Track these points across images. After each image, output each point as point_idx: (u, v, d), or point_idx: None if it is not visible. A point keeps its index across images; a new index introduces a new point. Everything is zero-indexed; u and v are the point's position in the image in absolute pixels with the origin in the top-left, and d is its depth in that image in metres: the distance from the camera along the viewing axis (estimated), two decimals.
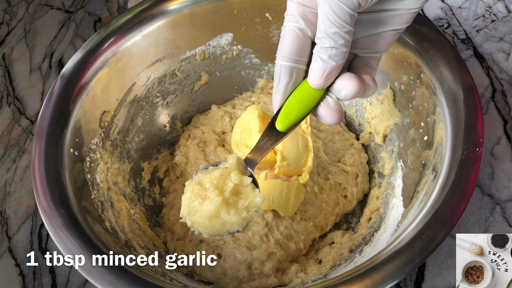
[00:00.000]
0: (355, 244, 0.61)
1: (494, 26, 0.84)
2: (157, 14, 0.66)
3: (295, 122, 0.43)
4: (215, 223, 0.45)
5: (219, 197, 0.45)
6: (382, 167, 0.68)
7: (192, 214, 0.46)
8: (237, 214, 0.45)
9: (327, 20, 0.37)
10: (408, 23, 0.41)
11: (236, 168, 0.47)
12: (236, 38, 0.73)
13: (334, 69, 0.39)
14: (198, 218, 0.46)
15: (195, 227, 0.46)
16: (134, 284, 0.45)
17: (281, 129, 0.44)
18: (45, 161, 0.53)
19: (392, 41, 0.42)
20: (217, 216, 0.45)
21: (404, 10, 0.39)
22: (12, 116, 0.83)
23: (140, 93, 0.70)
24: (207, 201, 0.45)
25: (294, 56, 0.41)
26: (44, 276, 0.63)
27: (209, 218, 0.45)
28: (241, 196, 0.47)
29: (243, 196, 0.47)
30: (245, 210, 0.46)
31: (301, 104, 0.42)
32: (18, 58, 0.93)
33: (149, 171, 0.72)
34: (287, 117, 0.42)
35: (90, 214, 0.53)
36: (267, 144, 0.46)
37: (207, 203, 0.45)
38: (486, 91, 0.76)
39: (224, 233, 0.46)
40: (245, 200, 0.46)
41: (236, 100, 0.80)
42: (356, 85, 0.39)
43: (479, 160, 0.48)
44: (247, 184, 0.47)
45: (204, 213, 0.45)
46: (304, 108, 0.42)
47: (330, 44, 0.38)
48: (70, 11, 1.01)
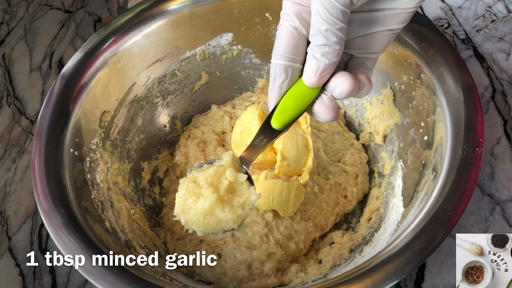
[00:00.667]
0: (355, 244, 0.61)
1: (494, 26, 0.84)
2: (157, 14, 0.66)
3: (291, 120, 0.43)
4: (209, 221, 0.45)
5: (213, 195, 0.44)
6: (382, 167, 0.68)
7: (186, 212, 0.45)
8: (232, 211, 0.45)
9: (319, 17, 0.37)
10: (404, 23, 0.40)
11: (231, 165, 0.47)
12: (236, 38, 0.73)
13: (328, 67, 0.39)
14: (192, 216, 0.45)
15: (189, 225, 0.45)
16: (134, 284, 0.45)
17: (276, 127, 0.43)
18: (45, 161, 0.53)
19: (388, 42, 0.42)
20: (212, 214, 0.45)
21: (400, 9, 0.39)
22: (12, 116, 0.83)
23: (140, 93, 0.70)
24: (202, 199, 0.45)
25: (289, 54, 0.41)
26: (44, 276, 0.63)
27: (204, 215, 0.45)
28: (236, 194, 0.46)
29: (238, 194, 0.46)
30: (240, 208, 0.45)
31: (296, 102, 0.42)
32: (18, 58, 0.93)
33: (149, 171, 0.72)
34: (282, 115, 0.42)
35: (90, 214, 0.53)
36: (262, 142, 0.46)
37: (201, 200, 0.45)
38: (486, 91, 0.76)
39: (219, 231, 0.46)
40: (240, 197, 0.46)
41: (236, 100, 0.80)
42: (350, 83, 0.39)
43: (479, 160, 0.48)
44: (242, 182, 0.46)
45: (198, 210, 0.45)
46: (300, 106, 0.42)
47: (323, 41, 0.38)
48: (70, 11, 1.01)
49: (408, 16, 0.40)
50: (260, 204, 0.60)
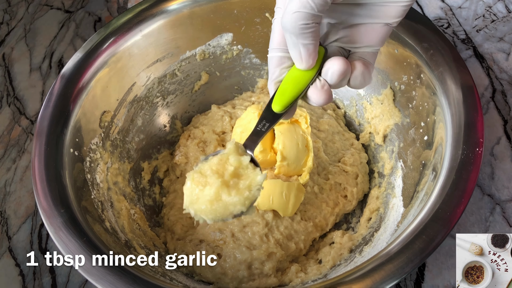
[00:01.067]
0: (355, 244, 0.61)
1: (494, 26, 0.84)
2: (157, 14, 0.67)
3: (290, 102, 0.44)
4: (217, 207, 0.45)
5: (218, 180, 0.45)
6: (382, 167, 0.68)
7: (195, 203, 0.45)
8: (238, 194, 0.45)
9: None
10: (398, 18, 0.41)
11: (234, 152, 0.47)
12: (236, 38, 0.73)
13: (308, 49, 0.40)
14: (200, 205, 0.45)
15: (199, 215, 0.45)
16: (134, 284, 0.45)
17: (277, 110, 0.45)
18: (45, 161, 0.53)
19: (383, 35, 0.42)
20: (219, 199, 0.45)
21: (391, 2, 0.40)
22: (12, 116, 0.83)
23: (140, 93, 0.70)
24: (208, 187, 0.45)
25: (283, 46, 0.43)
26: (44, 276, 0.63)
27: (211, 202, 0.45)
28: (242, 178, 0.46)
29: (243, 178, 0.46)
30: (247, 190, 0.45)
31: (294, 85, 0.43)
32: (18, 58, 0.93)
33: (149, 171, 0.72)
34: (282, 97, 0.44)
35: (90, 214, 0.53)
36: (264, 127, 0.47)
37: (207, 188, 0.45)
38: (486, 91, 0.76)
39: (229, 217, 0.45)
40: (246, 180, 0.46)
41: (236, 100, 0.80)
42: (340, 64, 0.40)
43: (479, 160, 0.48)
44: (246, 165, 0.47)
45: (205, 198, 0.45)
46: (297, 88, 0.43)
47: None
48: (70, 11, 1.01)
49: (403, 10, 0.40)
50: (260, 204, 0.60)
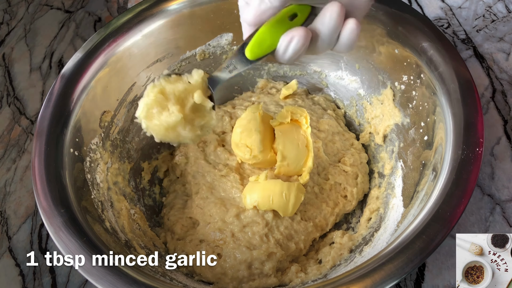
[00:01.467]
0: (355, 244, 0.61)
1: (494, 26, 0.84)
2: (157, 14, 0.67)
3: (265, 53, 0.43)
4: (169, 134, 0.48)
5: (180, 114, 0.47)
6: (382, 167, 0.68)
7: (149, 119, 0.47)
8: (192, 131, 0.49)
9: None
10: None
11: (200, 87, 0.48)
12: (236, 38, 0.73)
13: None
14: (154, 125, 0.48)
15: (149, 131, 0.48)
16: (134, 284, 0.45)
17: (250, 57, 0.44)
18: (45, 161, 0.53)
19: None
20: (174, 130, 0.48)
21: None
22: (12, 116, 0.83)
23: (140, 93, 0.70)
24: (167, 113, 0.47)
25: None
26: (44, 276, 0.63)
27: (166, 129, 0.47)
28: (198, 114, 0.49)
29: (200, 115, 0.49)
30: (199, 129, 0.49)
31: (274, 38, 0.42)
32: (18, 58, 0.93)
33: (149, 171, 0.72)
34: (259, 46, 0.43)
35: (90, 214, 0.53)
36: (231, 68, 0.47)
37: (166, 114, 0.47)
38: (486, 91, 0.76)
39: (175, 143, 0.50)
40: (202, 119, 0.49)
41: (236, 100, 0.80)
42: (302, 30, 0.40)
43: (479, 160, 0.48)
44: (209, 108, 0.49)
45: (162, 123, 0.47)
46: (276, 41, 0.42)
47: None
48: (70, 11, 1.01)
49: None
50: (260, 204, 0.60)
